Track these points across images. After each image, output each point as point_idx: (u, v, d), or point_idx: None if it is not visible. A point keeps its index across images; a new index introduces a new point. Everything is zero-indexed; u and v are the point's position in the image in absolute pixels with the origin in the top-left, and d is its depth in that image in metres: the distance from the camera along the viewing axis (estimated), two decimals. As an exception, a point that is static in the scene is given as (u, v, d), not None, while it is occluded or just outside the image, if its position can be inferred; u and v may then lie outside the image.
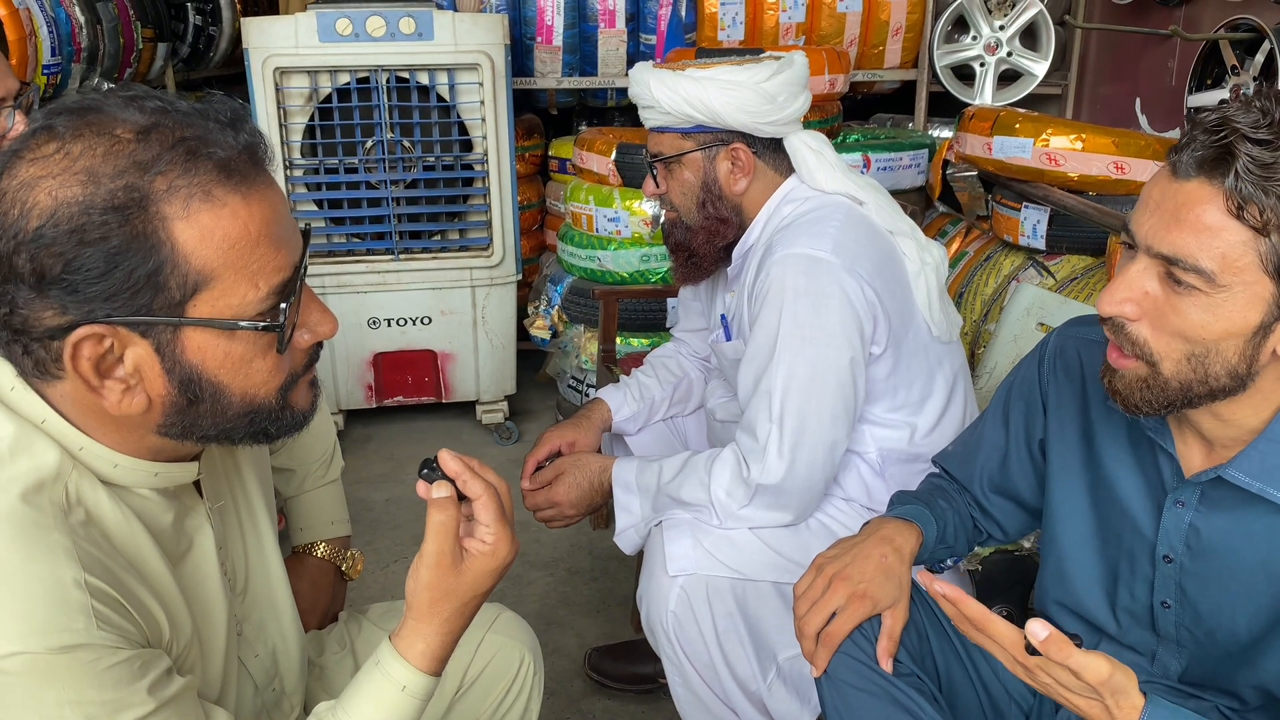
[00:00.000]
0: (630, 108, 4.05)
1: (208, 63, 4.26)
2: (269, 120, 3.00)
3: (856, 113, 4.23)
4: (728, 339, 1.82)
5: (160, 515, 0.96)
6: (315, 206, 3.19)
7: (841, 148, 3.20)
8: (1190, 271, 0.96)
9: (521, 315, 3.55)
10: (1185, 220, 0.95)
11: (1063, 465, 1.27)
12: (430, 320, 3.31)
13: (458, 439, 3.50)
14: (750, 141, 1.72)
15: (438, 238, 3.32)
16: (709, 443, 2.03)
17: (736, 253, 1.80)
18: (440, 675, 1.01)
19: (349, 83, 3.05)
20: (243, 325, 0.86)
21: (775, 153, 1.75)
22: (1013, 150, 2.76)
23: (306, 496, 1.44)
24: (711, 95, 1.66)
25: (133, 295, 0.82)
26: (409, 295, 3.26)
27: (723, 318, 1.85)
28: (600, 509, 1.85)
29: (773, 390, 1.57)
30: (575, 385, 3.41)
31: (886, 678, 1.18)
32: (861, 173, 3.07)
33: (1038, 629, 0.91)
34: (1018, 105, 3.60)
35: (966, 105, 3.41)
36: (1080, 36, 3.76)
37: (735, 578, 1.60)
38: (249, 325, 0.87)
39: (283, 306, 0.89)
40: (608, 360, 2.69)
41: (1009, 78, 3.74)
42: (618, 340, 3.07)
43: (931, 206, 3.49)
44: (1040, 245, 2.80)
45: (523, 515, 1.82)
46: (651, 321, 3.18)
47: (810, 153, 1.72)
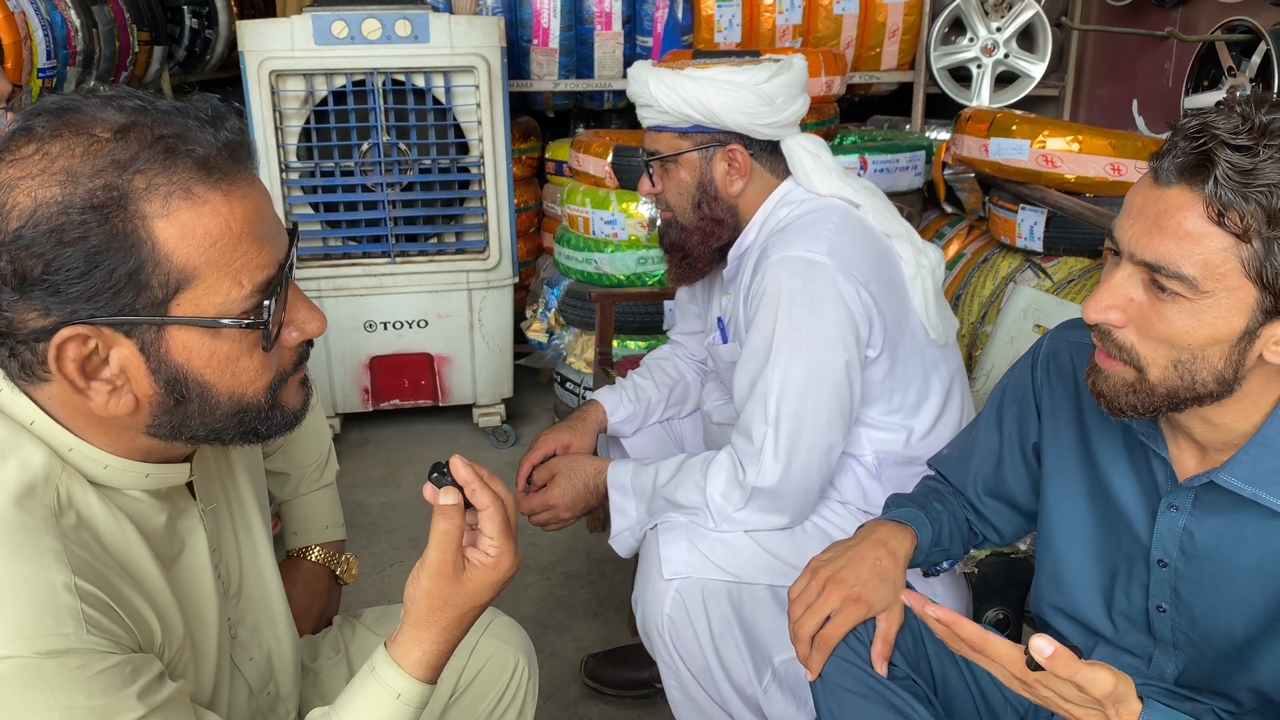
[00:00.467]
0: (627, 110, 4.05)
1: (204, 66, 4.26)
2: (265, 123, 2.99)
3: (854, 115, 4.23)
4: (724, 341, 1.82)
5: (152, 517, 0.95)
6: (311, 210, 3.19)
7: (838, 150, 3.20)
8: (1173, 278, 0.96)
9: (519, 318, 3.54)
10: (1167, 227, 0.95)
11: (1058, 469, 1.26)
12: (427, 323, 3.30)
13: (454, 442, 3.49)
14: (747, 143, 1.72)
15: (434, 241, 3.32)
16: (705, 445, 2.02)
17: (732, 255, 1.79)
18: (435, 683, 1.01)
19: (345, 85, 3.05)
20: (225, 323, 0.86)
21: (772, 155, 1.75)
22: (1009, 152, 2.76)
23: (301, 500, 1.44)
24: (710, 95, 1.66)
25: (114, 295, 0.81)
26: (405, 298, 3.26)
27: (719, 320, 1.85)
28: (596, 512, 1.84)
29: (768, 393, 1.57)
30: (561, 383, 3.41)
31: (881, 681, 1.18)
32: (859, 175, 3.07)
33: (1043, 645, 0.89)
34: (1015, 107, 3.60)
35: (964, 107, 3.41)
36: (1077, 38, 3.76)
37: (731, 581, 1.59)
38: (232, 323, 0.86)
39: (267, 304, 0.88)
40: (604, 363, 2.68)
41: (1006, 79, 3.74)
42: (615, 343, 3.07)
43: (929, 208, 3.49)
44: (1037, 247, 2.80)
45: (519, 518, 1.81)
46: (648, 324, 3.18)
47: (807, 155, 1.72)
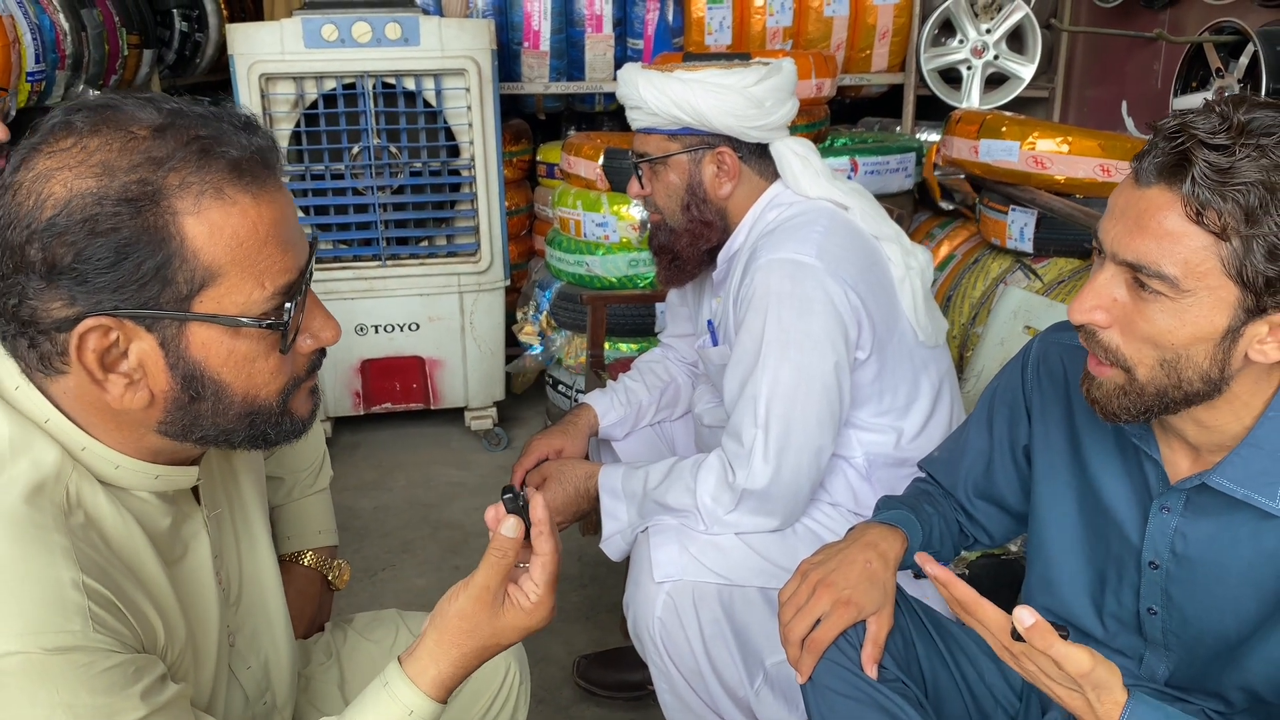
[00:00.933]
0: (619, 113, 4.05)
1: (194, 69, 4.25)
2: (255, 127, 2.98)
3: (844, 116, 4.24)
4: (714, 344, 1.82)
5: (158, 520, 0.96)
6: (302, 213, 3.18)
7: (829, 151, 3.20)
8: (1154, 278, 0.96)
9: (510, 321, 3.54)
10: (1148, 227, 0.96)
11: (1049, 471, 1.26)
12: (418, 327, 3.30)
13: (447, 446, 3.49)
14: (736, 146, 1.72)
15: (425, 244, 3.31)
16: (697, 448, 2.02)
17: (722, 257, 1.80)
18: (446, 704, 1.01)
19: (335, 89, 3.04)
20: (245, 322, 0.88)
21: (761, 158, 1.75)
22: (999, 153, 2.77)
23: (294, 505, 1.44)
24: (699, 98, 1.66)
25: (140, 287, 0.83)
26: (396, 302, 3.25)
27: (709, 323, 1.85)
28: (589, 515, 1.84)
29: (758, 395, 1.57)
30: (554, 386, 3.41)
31: (871, 684, 1.18)
32: (849, 177, 3.08)
33: (1024, 615, 0.91)
34: (1005, 108, 3.61)
35: (954, 109, 3.42)
36: (1067, 39, 3.77)
37: (722, 583, 1.59)
38: (252, 323, 0.88)
39: (288, 307, 0.90)
40: (596, 365, 2.68)
41: (996, 81, 3.74)
42: (606, 345, 3.07)
43: (920, 210, 3.50)
44: (1028, 248, 2.80)
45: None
46: (640, 326, 3.18)
47: (796, 158, 1.72)
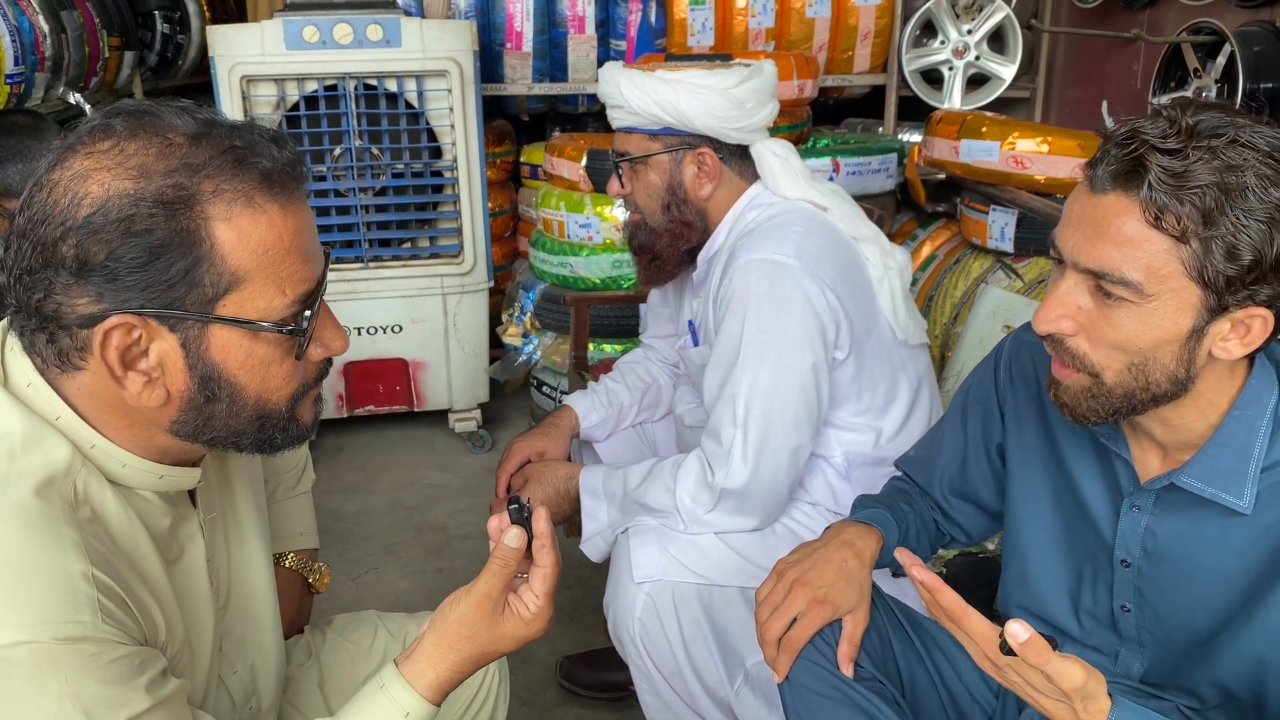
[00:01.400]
0: (602, 114, 4.03)
1: (177, 71, 4.22)
2: (236, 129, 2.97)
3: (827, 117, 4.25)
4: (695, 344, 1.82)
5: (159, 519, 0.98)
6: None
7: (811, 152, 3.21)
8: (1118, 284, 0.97)
9: (494, 323, 3.54)
10: (1107, 234, 0.97)
11: (1023, 470, 1.27)
12: (401, 329, 3.29)
13: (431, 448, 3.48)
14: (717, 147, 1.73)
15: (408, 245, 3.31)
16: (678, 449, 2.02)
17: (702, 258, 1.80)
18: (440, 707, 1.02)
19: (317, 90, 3.04)
20: (265, 326, 0.90)
21: (741, 159, 1.76)
22: (980, 154, 2.78)
23: (276, 507, 1.44)
24: (681, 98, 1.66)
25: (168, 288, 0.86)
26: (379, 304, 3.25)
27: (690, 324, 1.85)
28: (570, 517, 1.84)
29: (737, 395, 1.57)
30: (538, 387, 3.41)
31: (848, 683, 1.18)
32: (831, 178, 3.09)
33: (1018, 630, 0.90)
34: (987, 109, 3.62)
35: (936, 109, 3.43)
36: (1047, 40, 3.78)
37: (702, 583, 1.59)
38: (272, 328, 0.91)
39: (306, 314, 0.93)
40: (580, 367, 2.68)
41: (977, 81, 3.76)
42: (590, 346, 3.07)
43: (901, 210, 3.51)
44: (1008, 248, 2.81)
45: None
46: (624, 327, 3.18)
47: (776, 159, 1.73)
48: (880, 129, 3.84)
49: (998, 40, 3.70)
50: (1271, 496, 1.04)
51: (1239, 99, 2.47)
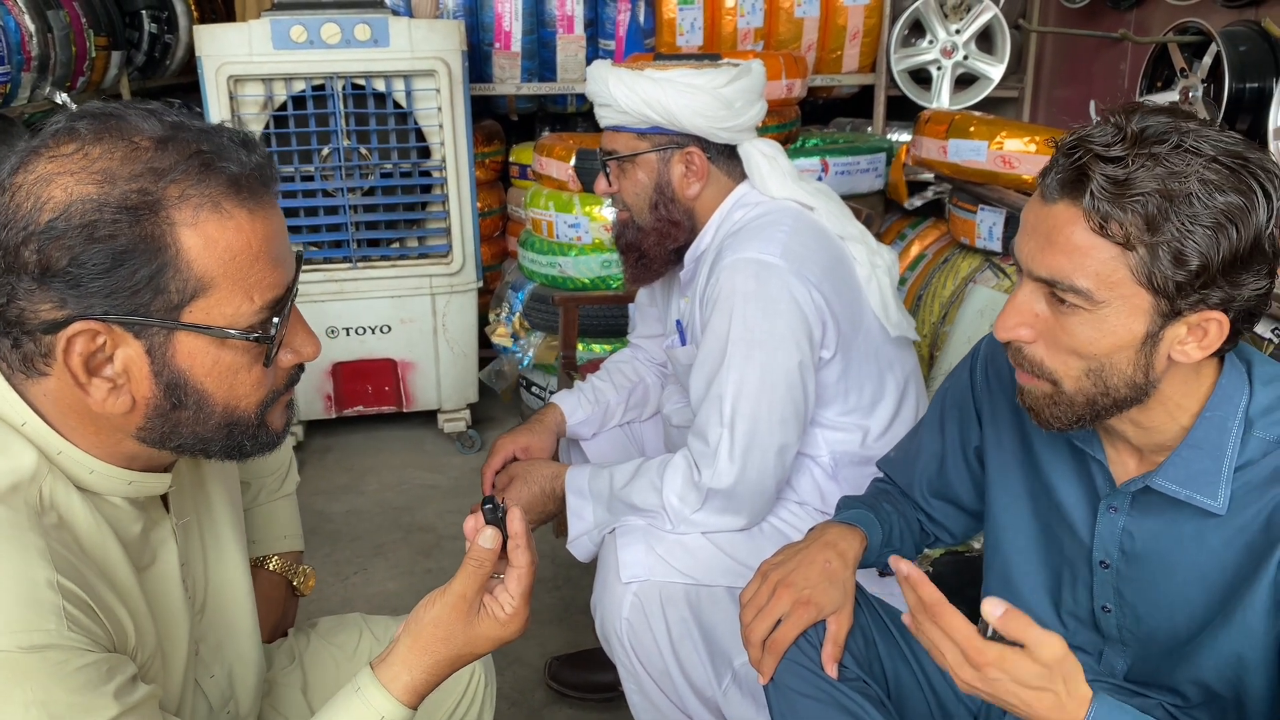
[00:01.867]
0: (591, 114, 4.03)
1: (164, 71, 4.21)
2: (223, 129, 2.96)
3: (815, 117, 4.25)
4: (682, 344, 1.82)
5: (130, 525, 0.97)
6: (272, 215, 3.15)
7: (800, 152, 3.21)
8: (1069, 291, 0.99)
9: (483, 323, 3.53)
10: (1057, 242, 0.98)
11: (1001, 472, 1.28)
12: (390, 329, 3.28)
13: (419, 449, 3.47)
14: (705, 146, 1.73)
15: (396, 245, 3.30)
16: (666, 448, 2.02)
17: (689, 257, 1.80)
18: (416, 710, 1.01)
19: (304, 90, 3.02)
20: (233, 334, 0.89)
21: (729, 159, 1.76)
22: (968, 153, 2.79)
23: (260, 510, 1.43)
24: (669, 97, 1.66)
25: (132, 294, 0.84)
26: (368, 304, 3.24)
27: (678, 323, 1.85)
28: (555, 516, 1.84)
29: (723, 395, 1.57)
30: (527, 388, 3.41)
31: (832, 683, 1.18)
32: (820, 178, 3.09)
33: (994, 607, 0.91)
34: (975, 108, 3.63)
35: (924, 109, 3.43)
36: (1035, 40, 3.79)
37: (689, 583, 1.59)
38: (240, 335, 0.89)
39: (274, 321, 0.91)
40: (568, 367, 2.68)
41: (966, 81, 3.77)
42: (579, 346, 3.06)
43: (890, 210, 3.51)
44: (996, 247, 2.82)
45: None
46: (613, 327, 3.18)
47: (763, 159, 1.73)
48: (869, 129, 3.85)
49: (986, 40, 3.71)
50: (1245, 496, 1.05)
51: (1225, 98, 2.48)
